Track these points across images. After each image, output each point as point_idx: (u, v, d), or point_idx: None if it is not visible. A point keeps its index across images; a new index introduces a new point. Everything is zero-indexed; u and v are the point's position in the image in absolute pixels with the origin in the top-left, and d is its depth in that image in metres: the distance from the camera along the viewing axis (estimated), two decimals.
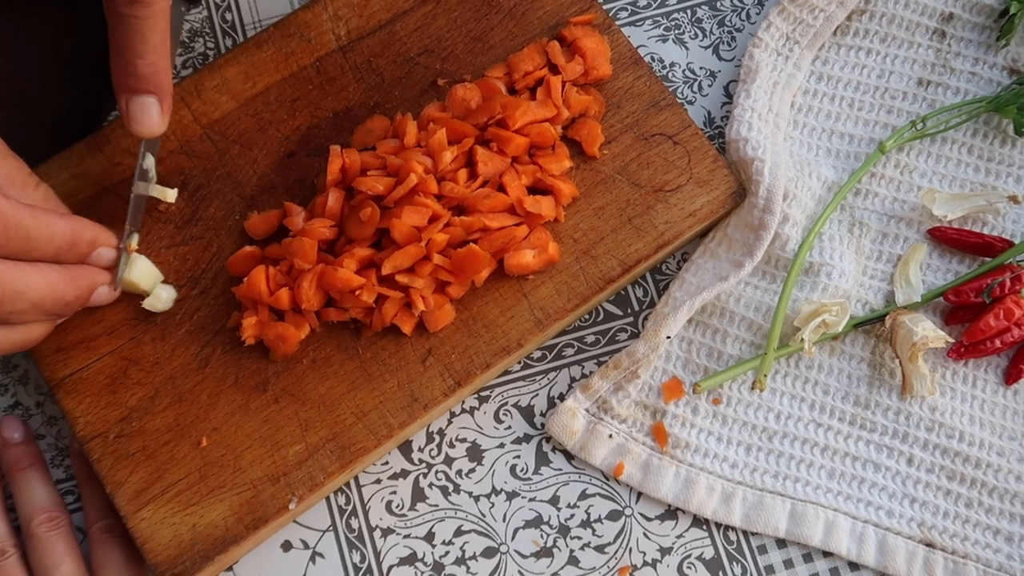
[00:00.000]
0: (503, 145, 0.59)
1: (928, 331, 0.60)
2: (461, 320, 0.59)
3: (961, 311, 0.63)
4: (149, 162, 0.59)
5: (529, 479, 0.61)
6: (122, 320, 0.59)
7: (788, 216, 0.63)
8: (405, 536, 0.60)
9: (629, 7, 0.69)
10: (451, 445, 0.62)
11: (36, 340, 0.54)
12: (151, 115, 0.55)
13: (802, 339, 0.60)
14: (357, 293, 0.57)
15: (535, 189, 0.61)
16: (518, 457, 0.62)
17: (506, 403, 0.63)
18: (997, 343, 0.61)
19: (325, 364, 0.59)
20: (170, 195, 0.61)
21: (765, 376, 0.59)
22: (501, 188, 0.59)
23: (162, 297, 0.59)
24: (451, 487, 0.61)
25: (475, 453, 0.62)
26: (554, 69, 0.62)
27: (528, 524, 0.61)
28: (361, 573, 0.60)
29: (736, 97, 0.65)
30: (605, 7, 0.69)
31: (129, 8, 0.51)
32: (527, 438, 0.62)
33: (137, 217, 0.59)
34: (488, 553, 0.60)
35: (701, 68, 0.69)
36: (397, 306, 0.58)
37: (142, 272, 0.58)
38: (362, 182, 0.57)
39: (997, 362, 0.63)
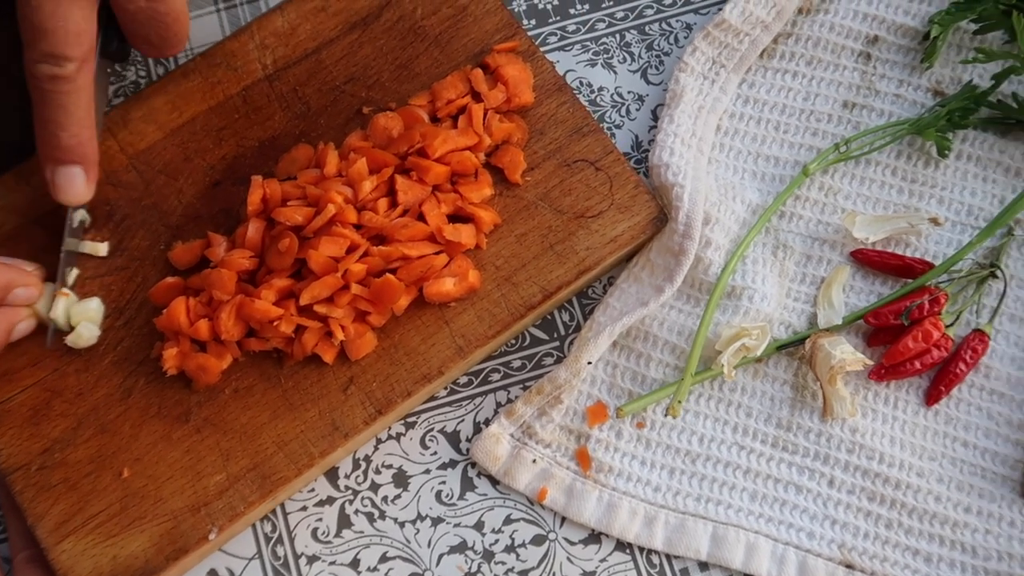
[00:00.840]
0: (423, 174, 0.60)
1: (846, 354, 0.61)
2: (383, 348, 0.60)
3: (882, 333, 0.63)
4: (81, 215, 0.60)
5: (454, 504, 0.62)
6: (46, 352, 0.60)
7: (711, 240, 0.64)
8: (331, 563, 0.61)
9: (559, 32, 0.70)
10: (377, 471, 0.62)
11: None
12: (76, 185, 0.57)
13: (722, 363, 0.61)
14: (276, 324, 0.57)
15: (457, 217, 0.61)
16: (443, 483, 0.62)
17: (432, 429, 0.63)
18: (917, 364, 0.62)
19: (247, 394, 0.59)
20: (101, 250, 0.61)
21: (680, 402, 0.59)
22: (421, 217, 0.60)
23: (83, 335, 0.59)
24: (377, 513, 0.62)
25: (401, 479, 0.62)
26: (477, 97, 0.63)
27: (453, 549, 0.61)
28: None
29: (660, 122, 0.65)
30: (533, 32, 0.69)
31: (51, 84, 0.52)
32: (453, 464, 0.63)
33: (66, 270, 0.60)
34: None
35: (629, 92, 0.69)
36: (317, 336, 0.58)
37: (88, 311, 0.60)
38: (281, 212, 0.58)
39: (919, 383, 0.63)
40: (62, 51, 0.52)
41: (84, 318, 0.59)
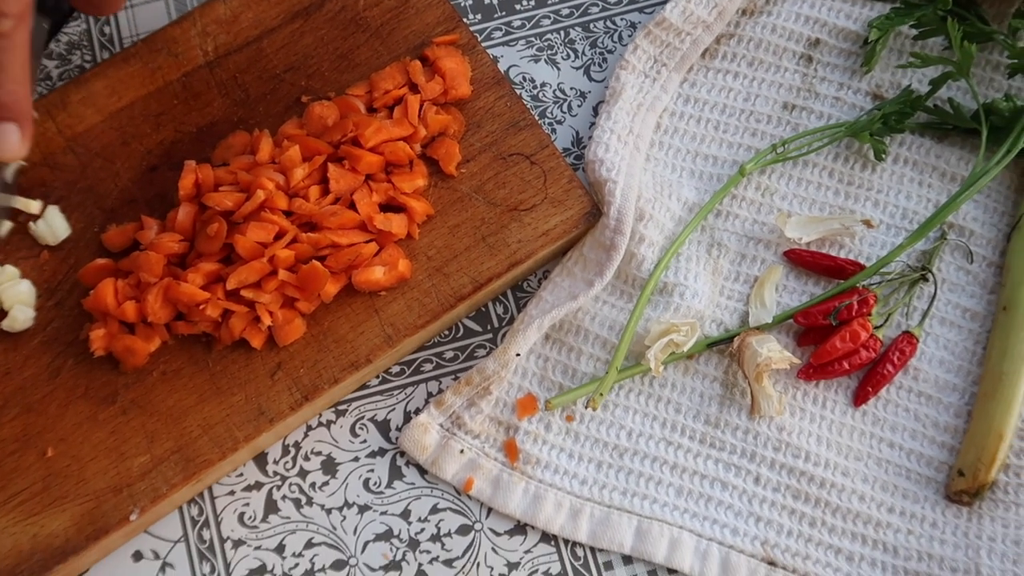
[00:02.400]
0: (355, 163, 0.60)
1: (773, 352, 0.61)
2: (311, 335, 0.60)
3: (811, 333, 0.64)
4: (10, 172, 0.60)
5: (382, 493, 0.62)
6: None
7: (644, 236, 0.64)
8: (256, 548, 0.61)
9: (503, 27, 0.70)
10: (306, 458, 0.63)
11: None
12: (11, 141, 0.56)
13: (649, 358, 0.61)
14: (202, 307, 0.57)
15: (390, 207, 0.61)
16: (372, 471, 0.63)
17: (363, 417, 0.64)
18: (845, 365, 0.62)
19: (175, 377, 0.59)
20: (34, 207, 0.61)
21: (601, 396, 0.59)
22: (353, 206, 0.60)
23: (18, 318, 0.59)
24: (304, 500, 0.62)
25: (330, 466, 0.63)
26: (414, 88, 0.63)
27: (378, 537, 0.61)
28: None
29: (598, 118, 0.66)
30: (477, 27, 0.70)
31: None
32: (382, 452, 0.63)
33: (1, 227, 0.60)
34: (337, 566, 0.61)
35: (572, 88, 0.70)
36: (245, 320, 0.59)
37: (19, 294, 0.59)
38: (211, 197, 0.58)
39: (847, 384, 0.64)
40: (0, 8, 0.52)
41: (16, 301, 0.60)
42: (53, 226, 0.61)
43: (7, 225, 0.61)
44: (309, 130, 0.61)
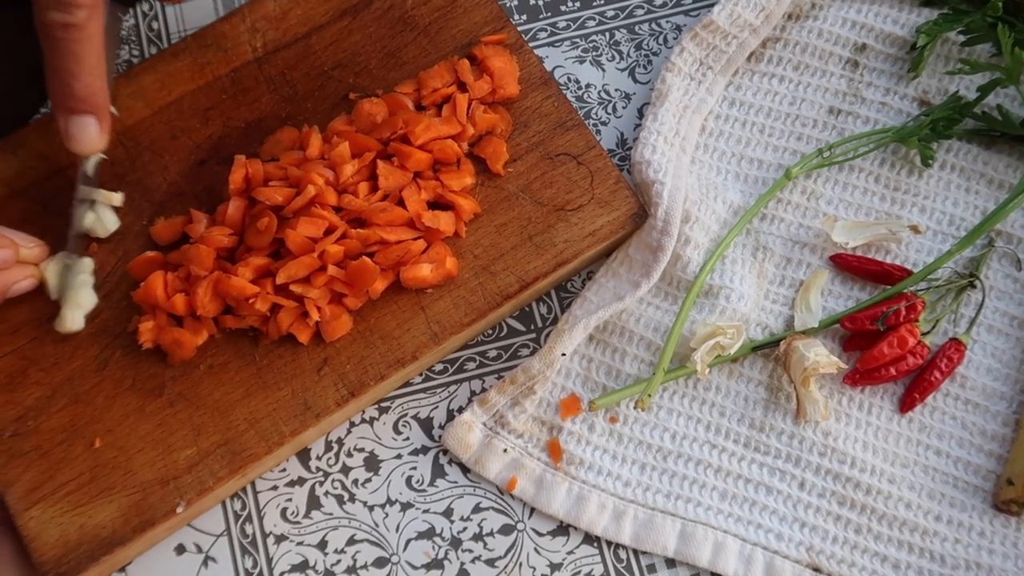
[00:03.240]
0: (404, 160, 0.60)
1: (820, 356, 0.61)
2: (358, 331, 0.60)
3: (858, 338, 0.63)
4: (90, 165, 0.60)
5: (424, 491, 0.62)
6: (25, 320, 0.60)
7: (690, 238, 0.64)
8: (298, 543, 0.61)
9: (548, 28, 0.71)
10: (349, 454, 0.63)
11: None
12: (89, 134, 0.56)
13: (695, 361, 0.61)
14: (252, 301, 0.58)
15: (437, 204, 0.61)
16: (415, 468, 0.62)
17: (406, 415, 0.63)
18: (892, 371, 0.62)
19: (221, 370, 0.60)
20: (116, 199, 0.61)
21: (649, 396, 0.59)
22: (402, 203, 0.60)
23: (67, 319, 0.59)
24: (346, 496, 0.62)
25: (372, 463, 0.63)
26: (462, 87, 0.63)
27: (421, 535, 0.61)
28: None
29: (644, 120, 0.66)
30: (523, 27, 0.70)
31: (63, 32, 0.52)
32: (424, 450, 0.63)
33: (81, 216, 0.60)
34: (379, 563, 0.61)
35: (616, 90, 0.70)
36: (293, 315, 0.59)
37: (77, 298, 0.60)
38: (261, 192, 0.58)
39: (893, 390, 0.63)
40: None
41: (76, 304, 0.60)
42: (103, 219, 0.61)
43: (90, 217, 0.61)
44: (358, 127, 0.62)
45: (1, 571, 0.57)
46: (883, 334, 0.62)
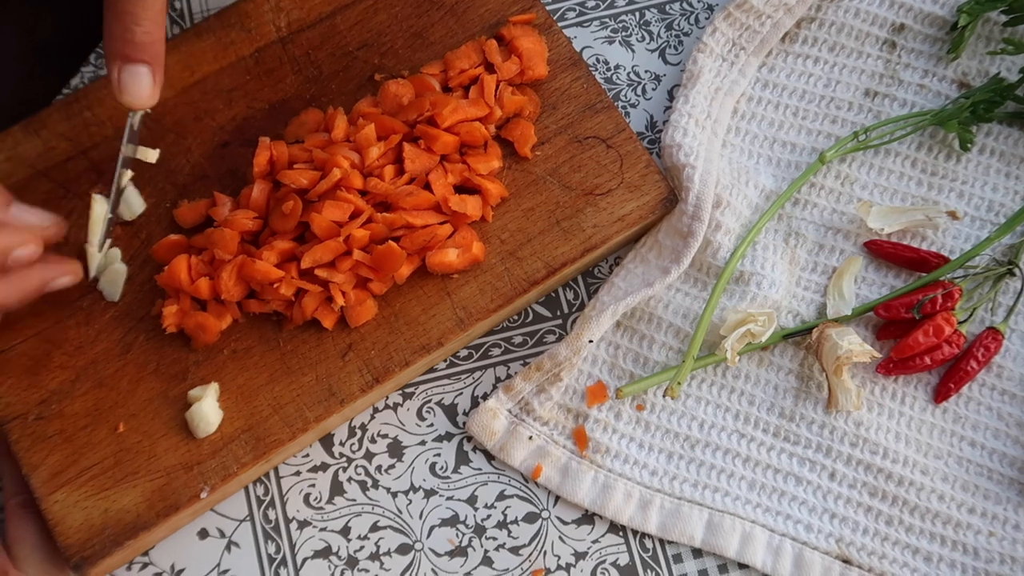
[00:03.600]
0: (431, 143, 0.59)
1: (854, 345, 0.59)
2: (383, 316, 0.59)
3: (892, 326, 0.62)
4: (137, 120, 0.59)
5: (448, 477, 0.61)
6: (47, 303, 0.60)
7: (721, 224, 0.62)
8: (321, 529, 0.61)
9: (577, 7, 0.69)
10: (372, 440, 0.62)
11: None
12: (143, 85, 0.53)
13: (725, 348, 0.60)
14: (276, 286, 0.57)
15: (464, 188, 0.60)
16: (438, 455, 0.62)
17: (430, 401, 0.63)
18: (927, 360, 0.61)
19: (245, 355, 0.59)
20: (152, 155, 0.59)
21: (679, 384, 0.58)
22: (428, 186, 0.59)
23: (114, 282, 0.60)
24: (370, 482, 0.61)
25: (396, 449, 0.62)
26: (490, 68, 0.62)
27: (444, 522, 0.61)
28: (275, 564, 0.60)
29: (675, 102, 0.64)
30: (551, 7, 0.69)
31: None
32: (448, 436, 0.62)
33: (122, 173, 0.59)
34: (403, 550, 0.60)
35: (646, 71, 0.68)
36: (317, 300, 0.58)
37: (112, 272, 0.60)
38: (286, 175, 0.58)
39: (927, 379, 0.62)
40: None
41: (110, 277, 0.60)
42: (129, 201, 0.60)
43: (128, 174, 0.60)
44: (384, 108, 0.60)
45: (26, 555, 0.57)
46: (918, 322, 0.61)
